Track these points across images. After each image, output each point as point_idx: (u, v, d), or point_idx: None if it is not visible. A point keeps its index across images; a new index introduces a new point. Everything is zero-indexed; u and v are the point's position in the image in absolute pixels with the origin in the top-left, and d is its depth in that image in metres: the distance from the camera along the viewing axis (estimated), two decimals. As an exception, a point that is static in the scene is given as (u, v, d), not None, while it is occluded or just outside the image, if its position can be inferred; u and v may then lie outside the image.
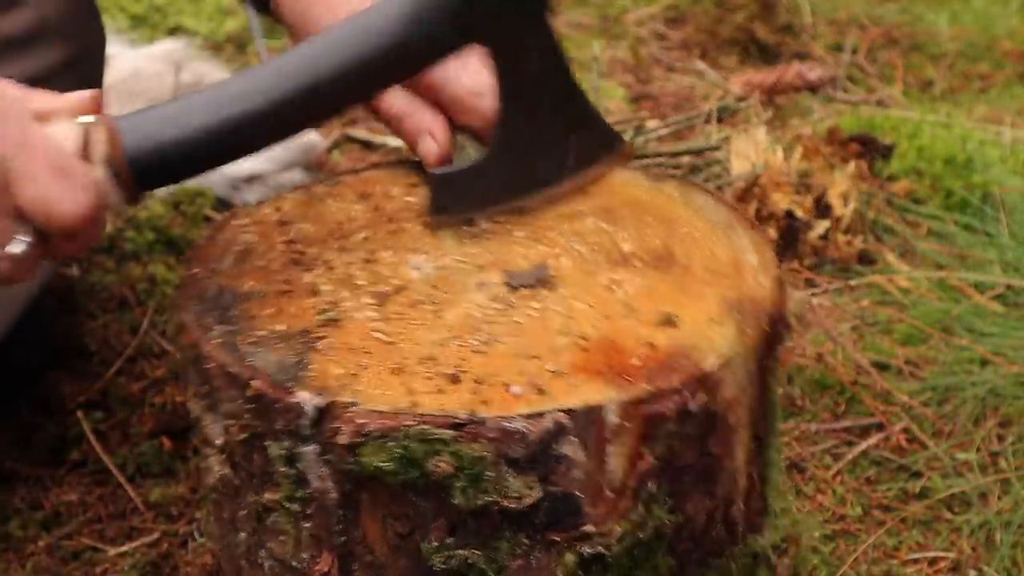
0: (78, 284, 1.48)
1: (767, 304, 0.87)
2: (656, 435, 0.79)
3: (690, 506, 0.84)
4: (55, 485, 1.27)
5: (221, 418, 0.83)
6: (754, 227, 0.97)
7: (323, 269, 0.92)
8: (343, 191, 1.03)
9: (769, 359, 0.88)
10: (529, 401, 0.76)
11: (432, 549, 0.78)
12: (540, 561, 0.79)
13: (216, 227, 0.98)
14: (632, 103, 2.10)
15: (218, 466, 0.86)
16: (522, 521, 0.78)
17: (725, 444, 0.84)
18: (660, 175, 1.06)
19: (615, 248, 0.94)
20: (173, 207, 1.62)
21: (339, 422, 0.76)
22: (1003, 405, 1.37)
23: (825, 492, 1.28)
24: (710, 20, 2.34)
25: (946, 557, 1.20)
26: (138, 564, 1.17)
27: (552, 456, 0.76)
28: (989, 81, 2.24)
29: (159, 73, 1.80)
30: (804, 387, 1.42)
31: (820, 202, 1.68)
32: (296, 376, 0.79)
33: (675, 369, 0.80)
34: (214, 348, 0.82)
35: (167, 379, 1.38)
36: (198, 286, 0.90)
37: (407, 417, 0.75)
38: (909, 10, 2.50)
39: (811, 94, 2.14)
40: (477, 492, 0.75)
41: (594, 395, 0.77)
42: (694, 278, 0.90)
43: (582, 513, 0.78)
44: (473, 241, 0.95)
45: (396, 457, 0.75)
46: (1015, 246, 1.61)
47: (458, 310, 0.87)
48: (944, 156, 1.79)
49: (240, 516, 0.87)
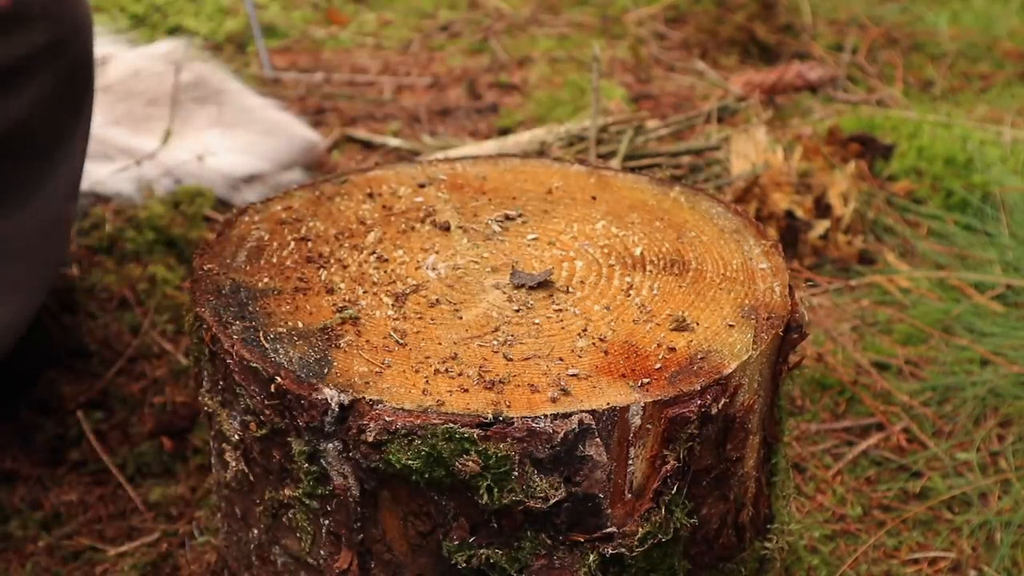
0: (78, 284, 1.47)
1: (780, 310, 0.87)
2: (677, 438, 0.79)
3: (705, 510, 0.84)
4: (55, 485, 1.27)
5: (239, 414, 0.84)
6: (762, 233, 0.98)
7: (337, 267, 0.92)
8: (351, 190, 1.04)
9: (780, 365, 0.88)
10: (554, 402, 0.77)
11: (454, 547, 0.78)
12: (563, 560, 0.79)
13: (227, 223, 0.98)
14: (632, 103, 2.11)
15: (233, 462, 0.86)
16: (544, 521, 0.78)
17: (740, 448, 0.85)
18: (665, 180, 1.06)
19: (627, 252, 0.95)
20: (173, 207, 1.62)
21: (365, 420, 0.76)
22: (1003, 405, 1.37)
23: (825, 492, 1.29)
24: (710, 20, 2.34)
25: (946, 557, 1.20)
26: (138, 564, 1.17)
27: (576, 457, 0.76)
28: (989, 81, 2.25)
29: (159, 73, 1.79)
30: (804, 387, 1.42)
31: (820, 202, 1.69)
32: (320, 373, 0.79)
33: (696, 373, 0.80)
34: (236, 343, 0.82)
35: (167, 379, 1.38)
36: (212, 281, 0.90)
37: (434, 416, 0.75)
38: (909, 10, 2.50)
39: (811, 94, 2.15)
40: (503, 492, 0.76)
41: (618, 397, 0.77)
42: (708, 283, 0.91)
43: (603, 514, 0.79)
44: (486, 243, 0.96)
45: (423, 455, 0.75)
46: (1015, 246, 1.61)
47: (476, 310, 0.87)
48: (944, 156, 1.79)
49: (254, 512, 0.87)
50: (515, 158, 1.10)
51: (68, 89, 1.15)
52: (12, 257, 1.11)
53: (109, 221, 1.58)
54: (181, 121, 1.77)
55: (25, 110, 1.09)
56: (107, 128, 1.69)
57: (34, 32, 1.09)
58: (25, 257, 1.12)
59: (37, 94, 1.10)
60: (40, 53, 1.10)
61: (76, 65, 1.16)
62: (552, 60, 2.28)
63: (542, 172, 1.08)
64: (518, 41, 2.40)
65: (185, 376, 1.38)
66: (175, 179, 1.70)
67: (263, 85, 2.12)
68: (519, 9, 2.54)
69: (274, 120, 1.81)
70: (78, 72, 1.17)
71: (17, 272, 1.11)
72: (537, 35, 2.37)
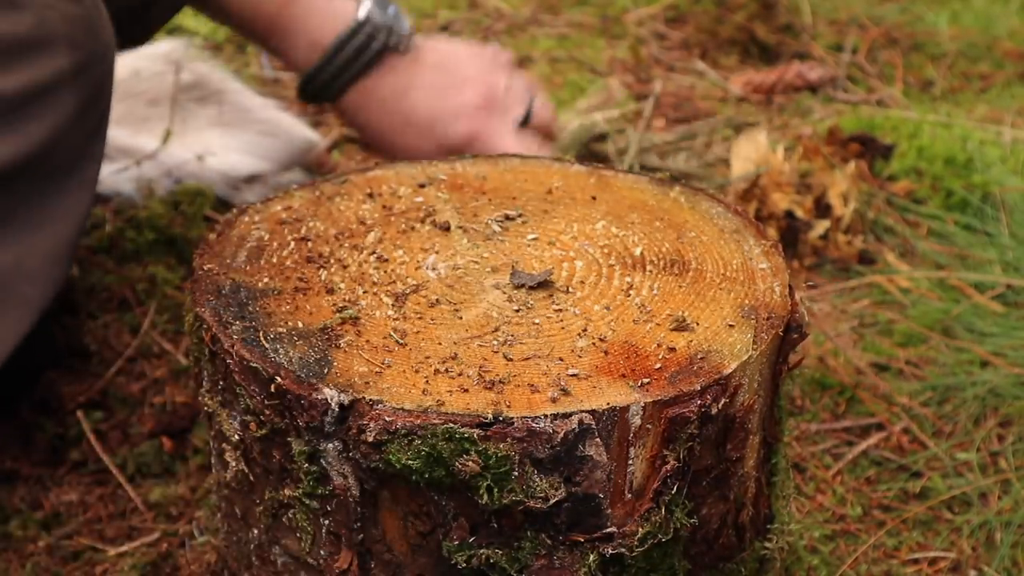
0: (78, 284, 1.47)
1: (780, 310, 0.87)
2: (677, 438, 0.79)
3: (705, 510, 0.84)
4: (55, 485, 1.27)
5: (239, 414, 0.84)
6: (762, 233, 0.98)
7: (337, 267, 0.92)
8: (350, 190, 1.04)
9: (780, 365, 0.88)
10: (554, 402, 0.77)
11: (454, 547, 0.78)
12: (563, 560, 0.79)
13: (227, 222, 0.98)
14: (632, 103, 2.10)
15: (233, 462, 0.86)
16: (544, 521, 0.78)
17: (740, 448, 0.85)
18: (665, 180, 1.06)
19: (627, 252, 0.95)
20: (173, 207, 1.62)
21: (365, 420, 0.76)
22: (1003, 405, 1.37)
23: (825, 492, 1.29)
24: (710, 20, 2.34)
25: (946, 557, 1.20)
26: (138, 564, 1.16)
27: (576, 457, 0.76)
28: (989, 81, 2.24)
29: (159, 73, 1.79)
30: (804, 387, 1.42)
31: (820, 202, 1.69)
32: (320, 373, 0.79)
33: (696, 373, 0.80)
34: (236, 343, 0.82)
35: (167, 379, 1.38)
36: (212, 281, 0.90)
37: (433, 416, 0.75)
38: (909, 10, 2.50)
39: (811, 94, 2.15)
40: (503, 492, 0.76)
41: (618, 397, 0.77)
42: (708, 283, 0.91)
43: (603, 514, 0.79)
44: (486, 243, 0.96)
45: (423, 455, 0.75)
46: (1015, 246, 1.61)
47: (476, 310, 0.87)
48: (944, 156, 1.79)
49: (254, 512, 0.87)
50: (515, 158, 1.10)
51: (89, 113, 1.16)
52: (30, 278, 1.12)
53: (109, 221, 1.58)
54: (181, 121, 1.77)
55: (47, 134, 1.10)
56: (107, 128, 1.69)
57: (58, 57, 1.10)
58: (40, 278, 1.13)
59: (59, 118, 1.11)
60: (63, 78, 1.11)
61: (98, 90, 1.17)
62: (552, 60, 2.28)
63: (542, 172, 1.08)
64: (518, 41, 2.39)
65: (185, 376, 1.38)
66: (175, 179, 1.70)
67: (263, 85, 2.12)
68: (519, 9, 2.54)
69: (274, 120, 1.81)
70: (99, 96, 1.18)
71: (33, 292, 1.12)
72: (537, 35, 2.36)
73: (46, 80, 1.09)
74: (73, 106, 1.13)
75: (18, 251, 1.11)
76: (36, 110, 1.10)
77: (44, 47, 1.09)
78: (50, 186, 1.14)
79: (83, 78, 1.13)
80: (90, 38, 1.15)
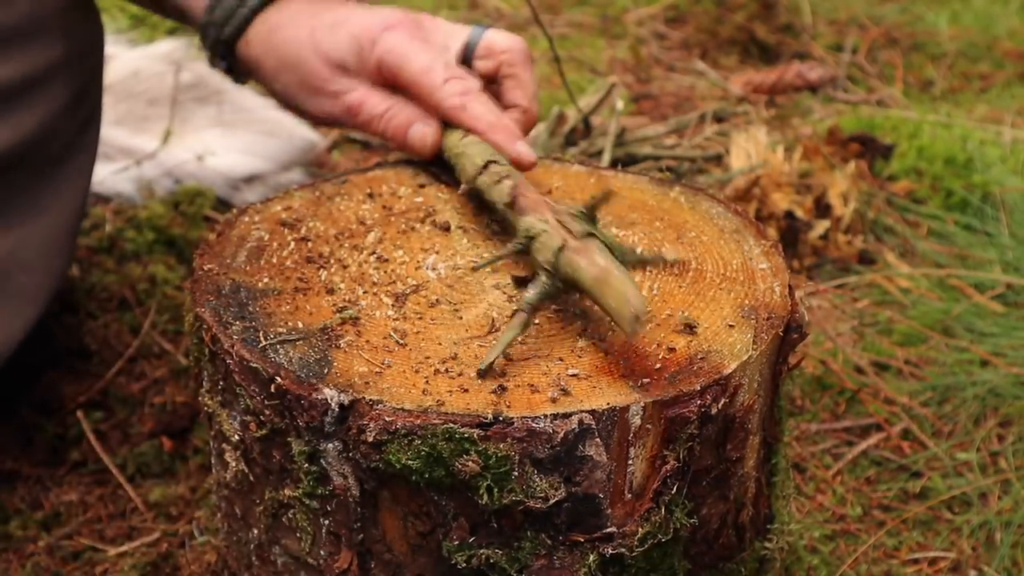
0: (78, 284, 1.47)
1: (780, 310, 0.87)
2: (677, 438, 0.79)
3: (705, 510, 0.84)
4: (55, 485, 1.27)
5: (239, 414, 0.84)
6: (762, 233, 0.98)
7: (337, 267, 0.92)
8: (350, 190, 1.04)
9: (780, 365, 0.88)
10: (554, 402, 0.77)
11: (454, 547, 0.78)
12: (563, 560, 0.79)
13: (227, 223, 0.98)
14: (632, 103, 2.11)
15: (233, 462, 0.86)
16: (544, 521, 0.78)
17: (740, 449, 0.85)
18: (665, 180, 1.06)
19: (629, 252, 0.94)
20: (173, 207, 1.62)
21: (365, 420, 0.76)
22: (1003, 405, 1.37)
23: (825, 492, 1.29)
24: (710, 20, 2.34)
25: (946, 557, 1.20)
26: (138, 564, 1.16)
27: (576, 457, 0.76)
28: (989, 81, 2.25)
29: (159, 73, 1.79)
30: (804, 387, 1.42)
31: (820, 202, 1.69)
32: (320, 373, 0.79)
33: (696, 373, 0.80)
34: (236, 343, 0.82)
35: (167, 379, 1.38)
36: (212, 281, 0.90)
37: (433, 416, 0.75)
38: (909, 10, 2.50)
39: (811, 94, 2.15)
40: (503, 492, 0.75)
41: (618, 397, 0.77)
42: (708, 283, 0.91)
43: (603, 514, 0.79)
44: (486, 243, 0.96)
45: (423, 455, 0.75)
46: (1015, 246, 1.61)
47: (476, 310, 0.87)
48: (944, 156, 1.79)
49: (254, 512, 0.87)
50: (515, 158, 1.10)
51: (81, 102, 1.16)
52: (26, 268, 1.12)
53: (109, 221, 1.58)
54: (181, 121, 1.77)
55: (41, 123, 1.10)
56: (107, 128, 1.69)
57: (51, 47, 1.10)
58: (37, 268, 1.13)
59: (52, 107, 1.11)
60: (56, 67, 1.11)
61: (90, 79, 1.17)
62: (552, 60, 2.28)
63: (542, 172, 1.08)
64: (518, 41, 2.39)
65: (185, 376, 1.38)
66: (175, 179, 1.70)
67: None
68: (519, 9, 2.54)
69: (274, 120, 1.81)
70: (91, 86, 1.18)
71: (30, 282, 1.12)
72: (537, 35, 2.36)
73: (40, 69, 1.09)
74: (66, 95, 1.12)
75: (12, 241, 1.10)
76: (29, 99, 1.09)
77: (38, 36, 1.09)
78: (43, 176, 1.13)
79: (76, 67, 1.13)
80: (83, 27, 1.15)
